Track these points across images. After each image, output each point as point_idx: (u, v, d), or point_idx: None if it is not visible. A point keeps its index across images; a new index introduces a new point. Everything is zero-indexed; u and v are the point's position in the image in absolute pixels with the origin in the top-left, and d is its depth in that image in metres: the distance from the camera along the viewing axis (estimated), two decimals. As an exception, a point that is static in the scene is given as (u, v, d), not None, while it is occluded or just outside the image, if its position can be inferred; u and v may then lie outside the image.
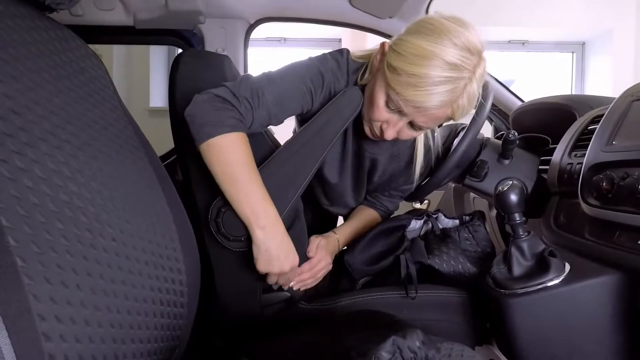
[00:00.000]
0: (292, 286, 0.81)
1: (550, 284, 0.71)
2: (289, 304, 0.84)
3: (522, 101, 1.41)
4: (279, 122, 0.80)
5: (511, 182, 0.76)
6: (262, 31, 1.60)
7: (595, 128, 0.82)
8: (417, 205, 1.53)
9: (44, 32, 0.54)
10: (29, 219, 0.38)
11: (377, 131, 0.81)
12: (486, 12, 2.84)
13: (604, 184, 0.70)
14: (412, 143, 0.94)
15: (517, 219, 0.75)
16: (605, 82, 3.07)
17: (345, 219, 1.06)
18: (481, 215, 0.97)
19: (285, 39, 3.14)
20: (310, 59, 0.82)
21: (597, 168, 0.75)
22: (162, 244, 0.59)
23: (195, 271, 0.67)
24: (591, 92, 2.92)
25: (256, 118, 0.74)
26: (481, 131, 0.96)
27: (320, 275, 0.86)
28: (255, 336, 0.80)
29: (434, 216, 0.97)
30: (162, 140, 1.15)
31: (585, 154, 0.79)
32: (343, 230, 0.96)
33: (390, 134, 0.79)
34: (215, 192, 0.72)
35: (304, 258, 0.83)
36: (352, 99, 0.80)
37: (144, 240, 0.55)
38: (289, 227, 0.77)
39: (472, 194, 1.41)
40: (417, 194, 1.04)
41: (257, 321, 0.82)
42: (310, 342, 0.61)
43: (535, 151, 1.03)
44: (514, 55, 3.29)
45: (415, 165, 0.94)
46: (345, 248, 0.96)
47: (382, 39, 1.43)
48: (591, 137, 0.80)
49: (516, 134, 0.94)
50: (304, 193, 0.80)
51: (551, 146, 1.00)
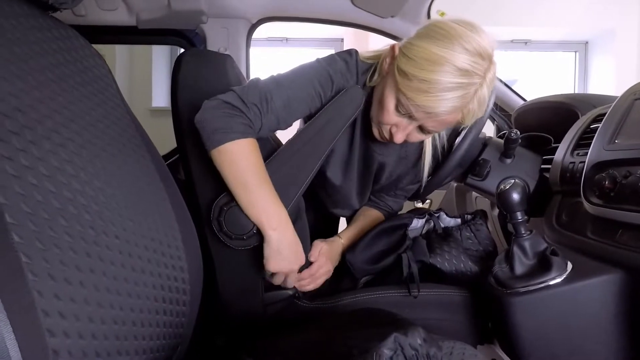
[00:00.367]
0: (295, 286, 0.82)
1: (552, 282, 0.71)
2: (291, 303, 0.84)
3: (525, 100, 1.41)
4: (287, 126, 0.80)
5: (513, 181, 0.76)
6: (264, 31, 1.60)
7: (598, 127, 0.81)
8: (419, 205, 1.53)
9: (47, 31, 0.54)
10: (33, 215, 0.38)
11: (386, 134, 0.81)
12: (488, 12, 2.83)
13: (607, 182, 0.70)
14: (420, 143, 0.93)
15: (519, 217, 0.75)
16: (608, 82, 3.06)
17: (349, 219, 1.06)
18: (483, 215, 0.97)
19: (287, 39, 3.14)
20: (319, 61, 0.81)
21: (599, 166, 0.74)
22: (164, 242, 0.60)
23: (197, 269, 0.67)
24: (594, 92, 2.90)
25: (265, 123, 0.75)
26: (483, 130, 0.97)
27: (319, 282, 0.86)
28: (257, 334, 0.80)
29: (436, 215, 0.97)
30: (163, 140, 1.15)
31: (587, 152, 0.79)
32: (348, 234, 0.96)
33: (399, 138, 0.78)
34: (217, 190, 0.73)
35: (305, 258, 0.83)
36: (353, 97, 0.80)
37: (147, 238, 0.56)
38: (290, 226, 0.77)
39: (474, 193, 1.41)
40: (419, 193, 1.04)
41: (259, 319, 0.82)
42: (312, 340, 0.61)
43: (537, 150, 1.02)
44: (517, 55, 3.28)
45: (423, 165, 0.94)
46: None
47: (384, 38, 1.43)
48: (593, 136, 0.80)
49: (518, 132, 0.94)
50: (305, 192, 0.80)
51: (553, 145, 1.00)
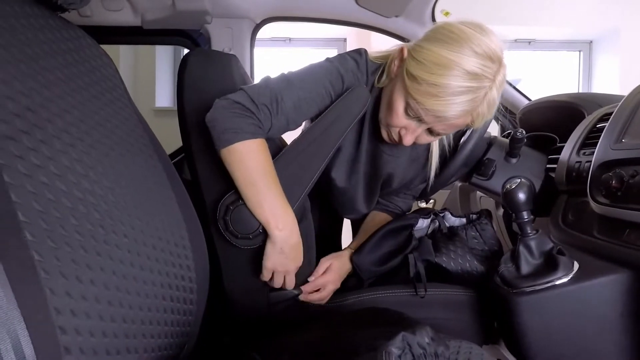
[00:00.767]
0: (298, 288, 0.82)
1: (558, 282, 0.71)
2: (296, 302, 0.85)
3: (530, 100, 1.41)
4: (297, 127, 0.80)
5: (519, 180, 0.75)
6: (268, 31, 1.60)
7: (604, 126, 0.81)
8: (423, 204, 1.53)
9: (56, 31, 0.55)
10: (44, 214, 0.39)
11: (395, 136, 0.81)
12: (492, 11, 2.82)
13: (614, 182, 0.70)
14: (428, 143, 0.93)
15: (525, 217, 0.75)
16: (613, 81, 3.04)
17: (358, 223, 1.05)
18: (488, 214, 0.97)
19: (290, 39, 3.14)
20: (329, 60, 0.81)
21: (606, 166, 0.74)
22: (171, 241, 0.60)
23: (204, 268, 0.68)
24: (598, 91, 2.89)
25: (274, 124, 0.75)
26: (488, 130, 0.96)
27: (325, 295, 0.85)
28: (263, 333, 0.81)
29: (441, 215, 0.97)
30: (168, 140, 1.16)
31: (593, 152, 0.79)
32: (359, 243, 0.94)
33: (408, 140, 0.78)
34: (223, 190, 0.73)
35: (309, 259, 0.83)
36: (359, 97, 0.80)
37: (155, 237, 0.56)
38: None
39: (478, 193, 1.40)
40: (424, 192, 1.04)
41: (265, 318, 0.83)
42: (318, 339, 0.61)
43: (542, 150, 1.02)
44: (521, 54, 3.27)
45: (430, 165, 0.94)
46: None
47: (387, 38, 1.43)
48: (600, 135, 0.80)
49: (524, 132, 0.94)
50: (311, 192, 0.80)
51: (559, 145, 1.00)
